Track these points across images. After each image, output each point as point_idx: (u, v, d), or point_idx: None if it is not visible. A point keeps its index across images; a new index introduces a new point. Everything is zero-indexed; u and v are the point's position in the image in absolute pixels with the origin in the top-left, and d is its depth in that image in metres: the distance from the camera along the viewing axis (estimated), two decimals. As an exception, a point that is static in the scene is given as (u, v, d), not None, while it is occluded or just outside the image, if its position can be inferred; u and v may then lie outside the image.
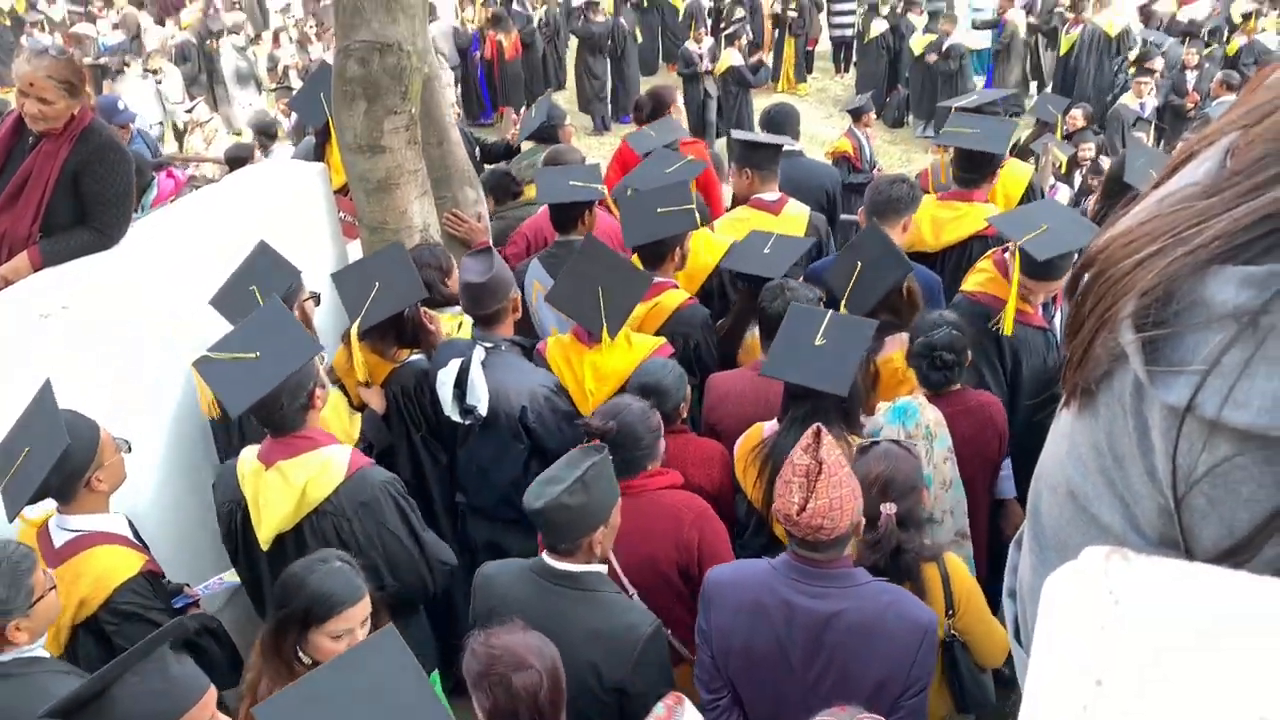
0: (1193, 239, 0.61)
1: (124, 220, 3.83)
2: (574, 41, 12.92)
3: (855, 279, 3.70)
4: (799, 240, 4.19)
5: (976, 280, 3.89)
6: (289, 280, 3.64)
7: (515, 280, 3.81)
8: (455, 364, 3.54)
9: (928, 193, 4.74)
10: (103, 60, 11.99)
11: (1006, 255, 3.75)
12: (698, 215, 4.13)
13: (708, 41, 11.64)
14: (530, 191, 5.67)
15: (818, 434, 2.45)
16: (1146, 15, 11.93)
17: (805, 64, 13.78)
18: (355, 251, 4.66)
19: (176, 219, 4.18)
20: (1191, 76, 10.51)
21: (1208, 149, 0.71)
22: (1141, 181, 3.90)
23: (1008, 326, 3.62)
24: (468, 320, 3.87)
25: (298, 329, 3.10)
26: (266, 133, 9.19)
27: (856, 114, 7.81)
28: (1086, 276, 0.70)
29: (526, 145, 6.30)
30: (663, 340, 3.74)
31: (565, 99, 12.07)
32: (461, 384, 3.51)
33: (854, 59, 13.54)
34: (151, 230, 4.03)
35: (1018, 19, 12.13)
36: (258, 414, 2.95)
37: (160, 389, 3.64)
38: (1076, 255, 3.42)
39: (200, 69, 13.17)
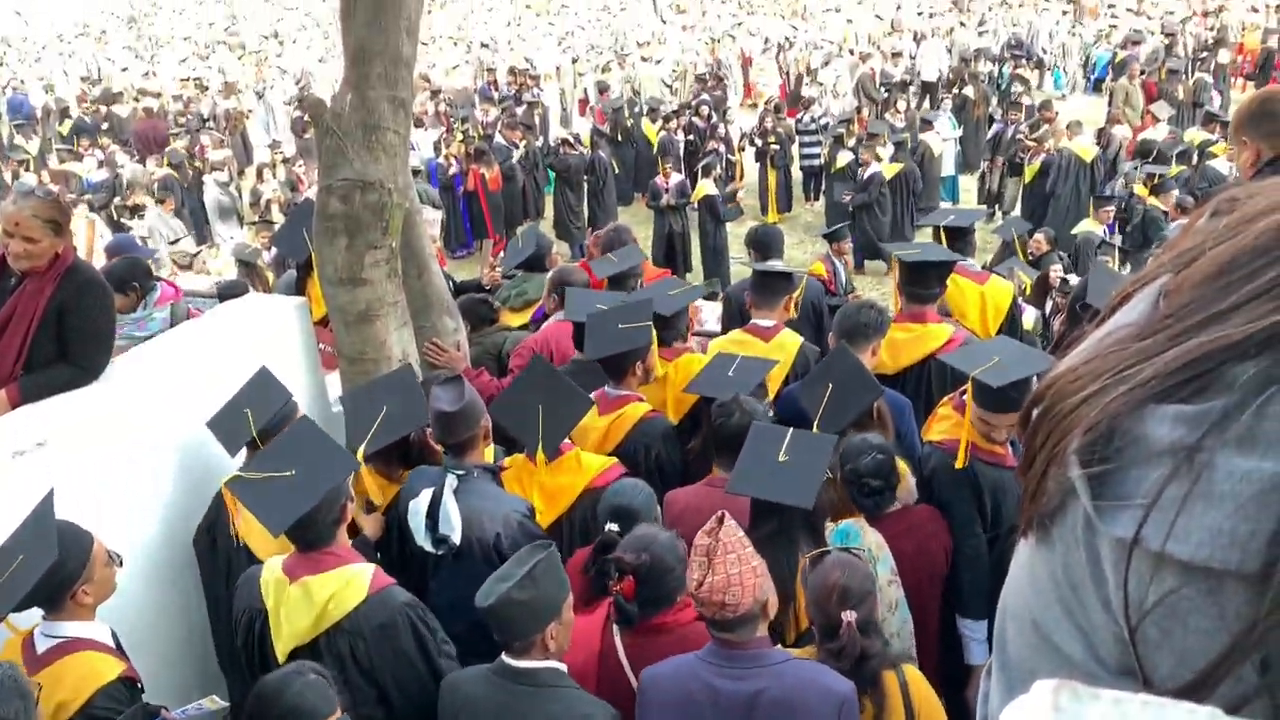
0: (1131, 378, 0.64)
1: (104, 355, 3.87)
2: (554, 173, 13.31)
3: (827, 401, 3.75)
4: (763, 362, 4.26)
5: (940, 429, 3.85)
6: (284, 405, 3.71)
7: (486, 407, 3.84)
8: (427, 493, 3.53)
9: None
10: (86, 197, 12.20)
11: (964, 398, 3.76)
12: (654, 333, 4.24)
13: (675, 177, 12.04)
14: (508, 318, 5.75)
15: (720, 519, 2.59)
16: (1105, 141, 12.40)
17: (787, 193, 14.22)
18: (334, 382, 4.69)
19: (157, 352, 4.22)
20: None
21: (1142, 290, 0.75)
22: (1104, 303, 3.98)
23: (960, 458, 3.60)
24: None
25: (333, 445, 3.17)
26: (249, 264, 9.31)
27: (832, 239, 7.99)
28: (1036, 411, 0.73)
29: (510, 275, 6.40)
30: (614, 461, 3.79)
31: (544, 228, 12.33)
32: (434, 513, 3.49)
33: (823, 187, 13.99)
34: (133, 363, 4.06)
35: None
36: (291, 531, 2.99)
37: (141, 517, 3.62)
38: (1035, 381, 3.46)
39: (182, 204, 13.42)
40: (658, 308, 4.39)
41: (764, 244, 6.20)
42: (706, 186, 11.90)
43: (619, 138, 14.55)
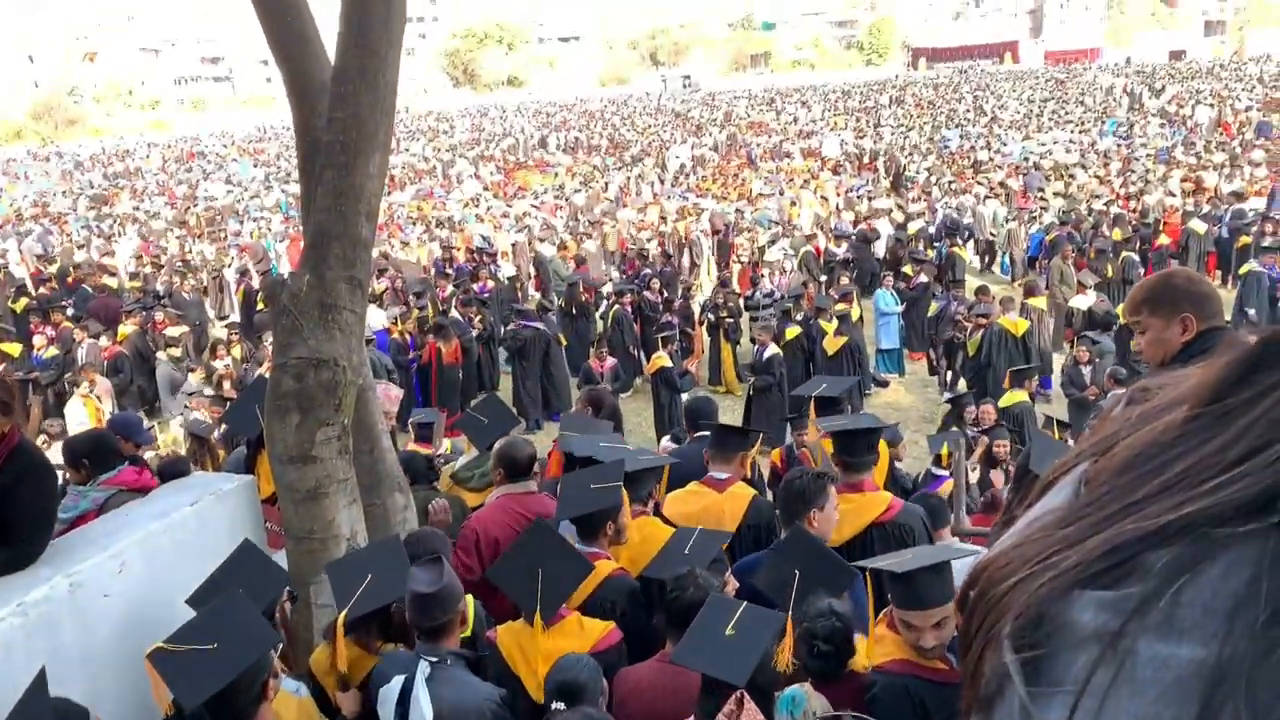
0: (1057, 565, 0.66)
1: (44, 539, 3.82)
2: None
3: (797, 590, 3.70)
4: (718, 535, 4.37)
5: (881, 651, 3.62)
6: (273, 583, 3.70)
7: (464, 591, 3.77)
8: (398, 681, 3.40)
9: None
10: (34, 375, 12.09)
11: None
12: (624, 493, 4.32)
13: (610, 360, 12.35)
14: (468, 498, 5.70)
15: (740, 700, 2.47)
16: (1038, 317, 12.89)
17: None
18: (280, 561, 4.58)
19: (100, 532, 4.12)
20: (1087, 370, 11.25)
21: (1067, 475, 0.79)
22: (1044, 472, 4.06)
23: (869, 657, 3.55)
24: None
25: (258, 620, 3.09)
26: (200, 438, 9.20)
27: (795, 425, 7.89)
28: (971, 595, 0.75)
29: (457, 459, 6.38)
30: (612, 625, 3.80)
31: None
32: (404, 702, 3.35)
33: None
34: (76, 542, 3.97)
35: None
36: (209, 706, 2.89)
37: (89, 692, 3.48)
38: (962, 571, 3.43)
39: (132, 381, 13.34)
40: (626, 467, 4.50)
41: (698, 415, 6.45)
42: (662, 359, 12.13)
43: (574, 312, 14.84)
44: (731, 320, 13.91)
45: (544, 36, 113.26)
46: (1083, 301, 13.68)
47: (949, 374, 13.29)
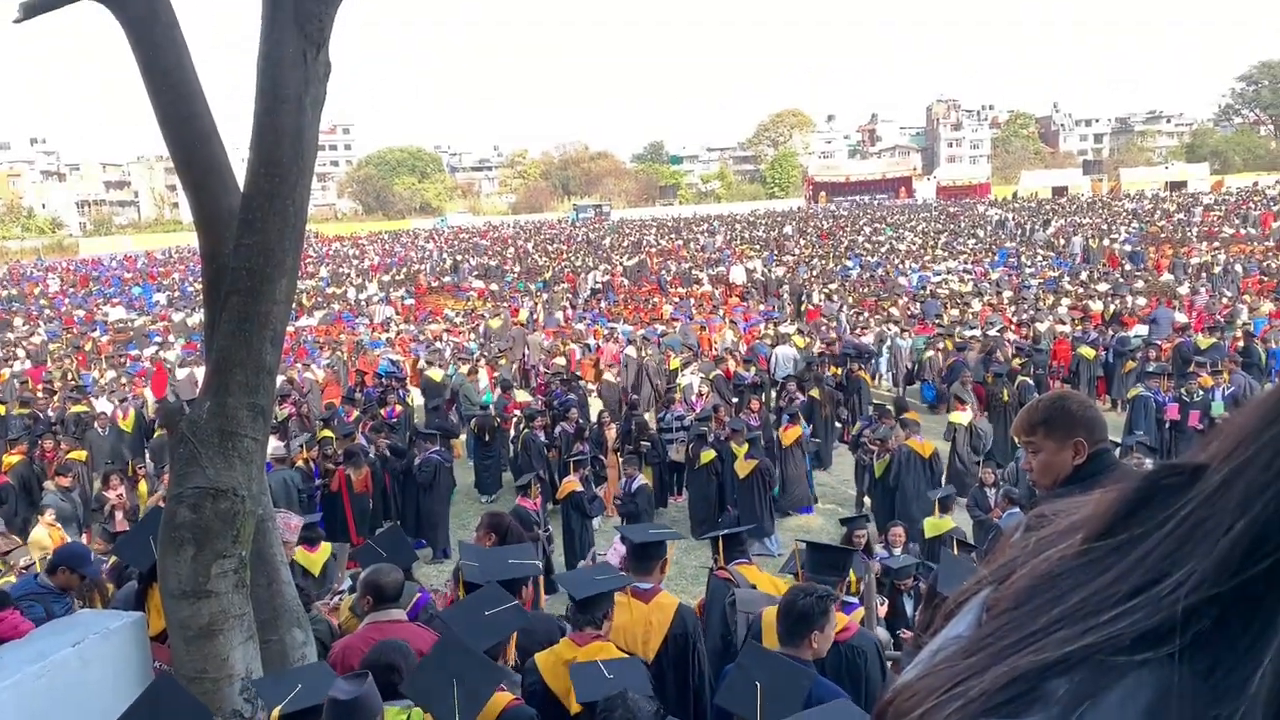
0: (961, 695, 0.67)
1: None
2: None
3: (762, 703, 3.77)
4: (635, 662, 4.45)
5: None
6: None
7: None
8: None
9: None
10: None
11: None
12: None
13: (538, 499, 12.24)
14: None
15: None
16: (952, 436, 13.22)
17: (661, 489, 14.41)
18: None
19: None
20: (992, 493, 11.51)
21: (969, 602, 0.80)
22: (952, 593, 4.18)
23: None
24: (417, 712, 3.81)
25: None
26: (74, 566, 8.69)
27: (731, 558, 7.75)
28: None
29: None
30: None
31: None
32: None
33: (685, 482, 14.31)
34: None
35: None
36: None
37: None
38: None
39: (16, 512, 12.69)
40: (581, 592, 4.64)
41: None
42: (573, 483, 12.02)
43: (486, 438, 14.70)
44: (650, 445, 13.90)
45: (457, 165, 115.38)
46: (962, 417, 14.10)
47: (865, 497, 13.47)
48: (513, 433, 15.08)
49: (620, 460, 13.52)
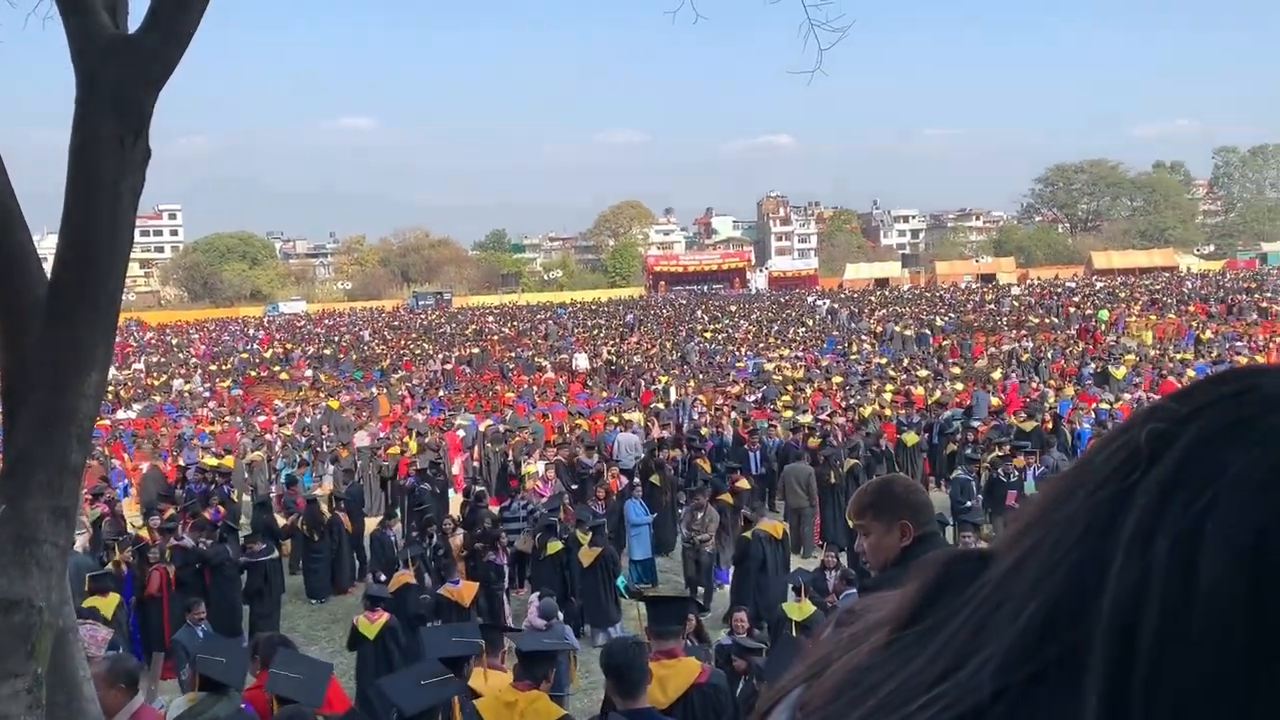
0: None
1: None
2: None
3: None
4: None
5: None
6: None
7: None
8: None
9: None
10: None
11: None
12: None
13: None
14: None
15: None
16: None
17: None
18: None
19: None
20: (831, 575, 11.78)
21: (781, 702, 0.80)
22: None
23: None
24: None
25: None
26: None
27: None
28: None
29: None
30: None
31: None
32: None
33: (528, 574, 14.02)
34: None
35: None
36: None
37: None
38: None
39: None
40: (529, 646, 5.29)
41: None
42: (406, 576, 11.63)
43: (315, 537, 14.08)
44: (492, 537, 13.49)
45: (290, 252, 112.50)
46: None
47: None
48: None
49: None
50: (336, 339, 47.79)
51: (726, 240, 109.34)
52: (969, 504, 14.53)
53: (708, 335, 42.56)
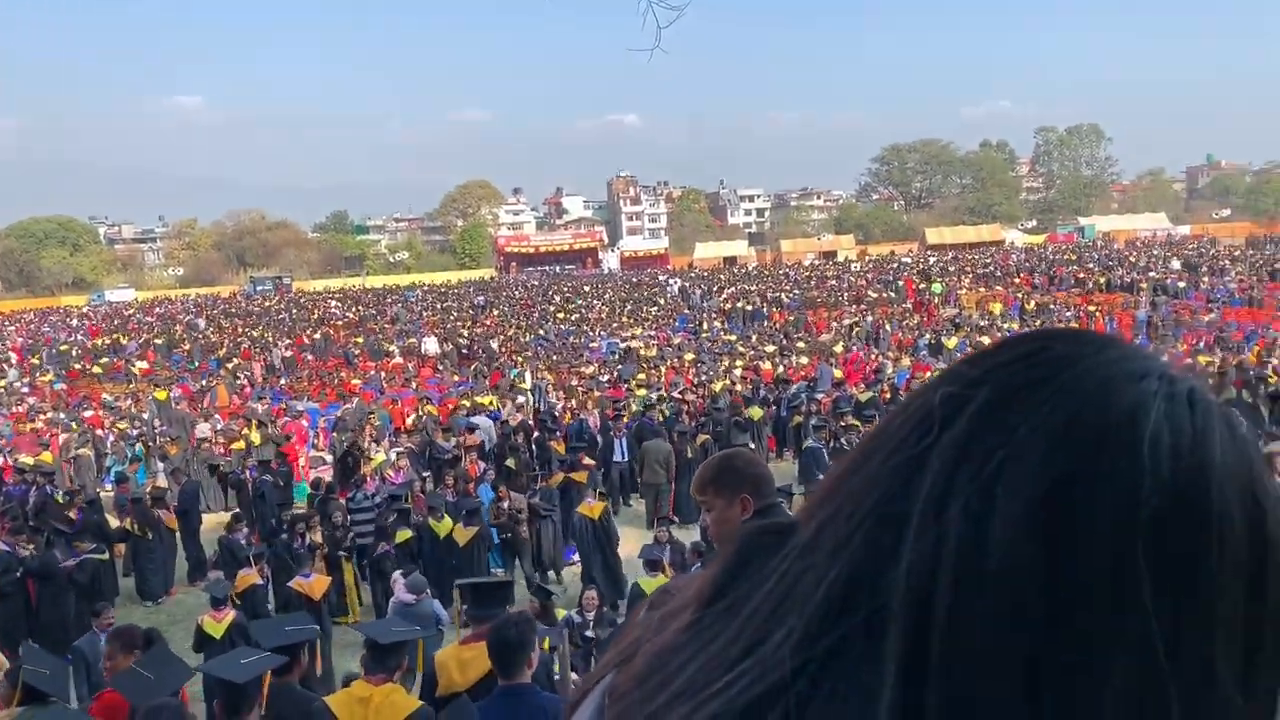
0: None
1: None
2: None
3: None
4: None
5: None
6: None
7: None
8: None
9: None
10: None
11: None
12: None
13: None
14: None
15: None
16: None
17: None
18: None
19: None
20: (665, 550, 11.92)
21: (594, 689, 0.77)
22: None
23: None
24: None
25: None
26: None
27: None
28: None
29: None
30: None
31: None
32: None
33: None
34: None
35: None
36: None
37: None
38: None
39: None
40: (384, 637, 5.13)
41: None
42: (250, 577, 11.17)
43: (146, 534, 13.36)
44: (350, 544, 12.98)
45: (115, 237, 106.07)
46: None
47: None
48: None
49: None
50: (169, 328, 45.40)
51: (578, 220, 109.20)
52: (821, 475, 14.97)
53: (561, 316, 42.45)
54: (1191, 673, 0.53)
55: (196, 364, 33.85)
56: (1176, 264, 44.53)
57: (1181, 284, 37.74)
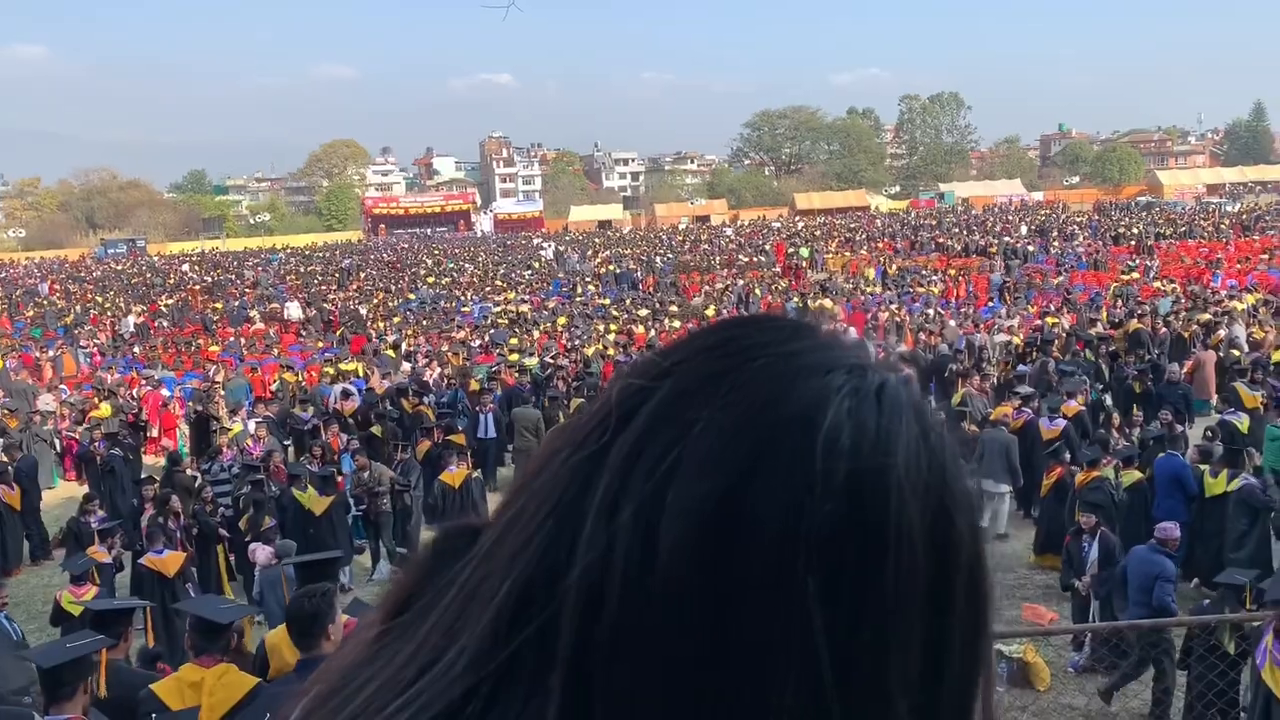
0: None
1: None
2: None
3: None
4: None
5: None
6: None
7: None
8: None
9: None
10: None
11: None
12: None
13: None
14: None
15: None
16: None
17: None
18: None
19: None
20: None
21: (298, 708, 0.70)
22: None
23: None
24: None
25: None
26: None
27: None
28: None
29: None
30: None
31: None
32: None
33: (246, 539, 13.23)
34: None
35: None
36: None
37: None
38: None
39: None
40: (209, 614, 5.04)
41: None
42: (101, 554, 10.65)
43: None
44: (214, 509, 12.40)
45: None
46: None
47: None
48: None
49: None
50: (10, 293, 42.68)
51: (449, 182, 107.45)
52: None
53: (431, 281, 41.67)
54: (861, 691, 0.48)
55: (41, 332, 31.91)
56: (1024, 229, 46.73)
57: (1031, 248, 39.54)
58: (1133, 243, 39.86)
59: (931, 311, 24.29)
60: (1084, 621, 8.37)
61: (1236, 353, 16.29)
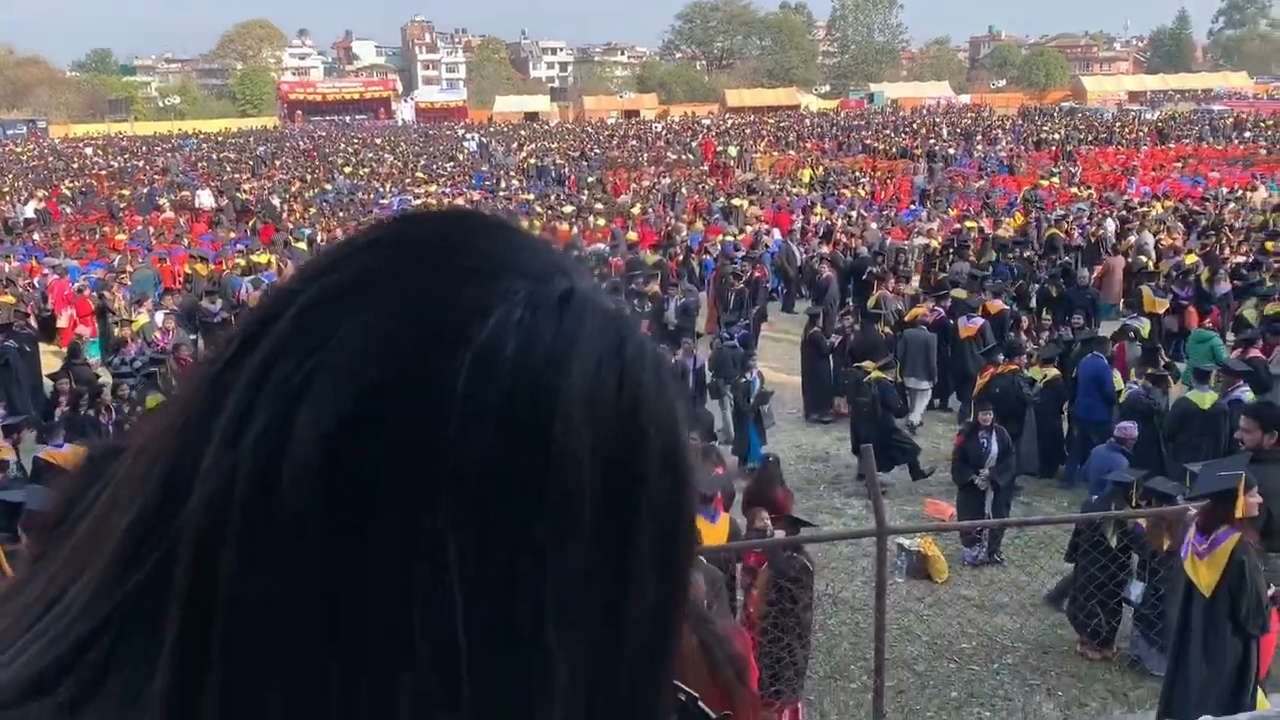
0: None
1: None
2: None
3: None
4: None
5: None
6: None
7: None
8: None
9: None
10: None
11: None
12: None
13: None
14: None
15: None
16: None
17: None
18: None
19: None
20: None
21: None
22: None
23: None
24: None
25: None
26: None
27: None
28: None
29: None
30: None
31: None
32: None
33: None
34: None
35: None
36: None
37: None
38: None
39: None
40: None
41: None
42: (4, 449, 10.36)
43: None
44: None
45: None
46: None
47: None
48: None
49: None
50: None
51: (369, 68, 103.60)
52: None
53: (349, 170, 40.46)
54: (496, 632, 0.42)
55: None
56: (945, 132, 46.99)
57: (954, 151, 39.81)
58: (1054, 148, 40.36)
59: (854, 214, 24.38)
60: (978, 516, 8.67)
61: (1145, 259, 16.73)
